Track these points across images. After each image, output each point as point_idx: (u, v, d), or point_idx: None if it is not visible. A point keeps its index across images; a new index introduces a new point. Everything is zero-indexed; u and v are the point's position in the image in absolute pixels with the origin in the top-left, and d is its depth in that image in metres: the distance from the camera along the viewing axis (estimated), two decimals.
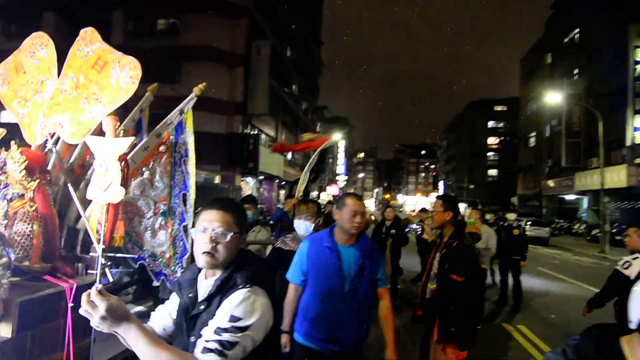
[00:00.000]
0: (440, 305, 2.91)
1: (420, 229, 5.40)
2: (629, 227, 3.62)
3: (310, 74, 37.34)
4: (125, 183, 1.89)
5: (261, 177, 25.39)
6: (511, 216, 7.47)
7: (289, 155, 30.43)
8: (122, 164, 1.83)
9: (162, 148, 2.53)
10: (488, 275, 7.55)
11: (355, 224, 2.37)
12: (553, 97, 22.34)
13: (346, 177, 69.71)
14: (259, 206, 17.00)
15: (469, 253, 3.03)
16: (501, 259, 7.26)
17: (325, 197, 41.69)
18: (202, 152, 21.00)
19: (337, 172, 58.67)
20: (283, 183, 30.20)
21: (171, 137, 2.58)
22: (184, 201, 2.53)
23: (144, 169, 2.50)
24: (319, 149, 5.40)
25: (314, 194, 42.49)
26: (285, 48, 28.14)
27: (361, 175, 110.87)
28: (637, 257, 3.34)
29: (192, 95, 2.58)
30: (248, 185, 25.37)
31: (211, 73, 20.24)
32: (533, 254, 16.86)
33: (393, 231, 6.55)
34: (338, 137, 44.71)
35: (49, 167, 2.26)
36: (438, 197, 3.15)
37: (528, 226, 23.23)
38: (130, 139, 1.94)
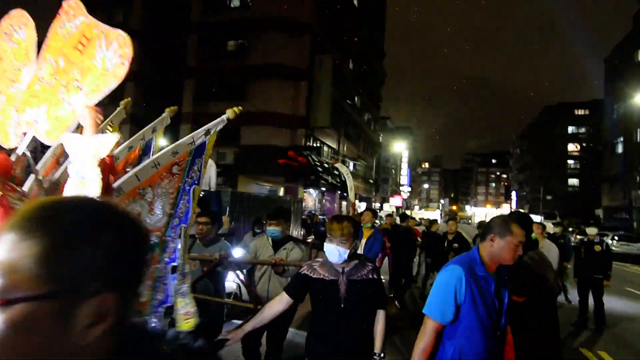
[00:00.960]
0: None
1: None
2: None
3: (372, 85, 37.36)
4: (108, 194, 1.50)
5: (323, 189, 25.77)
6: (592, 231, 6.77)
7: (351, 166, 30.57)
8: (104, 170, 1.45)
9: (175, 169, 2.08)
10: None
11: (517, 256, 2.06)
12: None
13: (410, 188, 68.19)
14: (321, 217, 17.24)
15: (529, 271, 2.76)
16: (580, 277, 6.66)
17: (388, 208, 41.09)
18: (267, 165, 21.72)
19: (401, 182, 57.59)
20: (345, 195, 30.36)
21: (188, 158, 2.14)
22: (180, 235, 2.05)
23: (147, 189, 1.99)
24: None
25: (376, 205, 42.09)
26: (348, 61, 28.50)
27: (426, 186, 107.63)
28: None
29: (223, 117, 2.20)
30: (311, 197, 25.89)
31: (276, 89, 21.13)
32: (620, 272, 15.18)
33: (456, 245, 6.29)
34: (401, 147, 44.04)
35: (18, 175, 1.76)
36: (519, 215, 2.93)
37: (615, 241, 21.02)
38: (115, 138, 1.52)
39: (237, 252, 5.86)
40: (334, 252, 2.33)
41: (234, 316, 5.93)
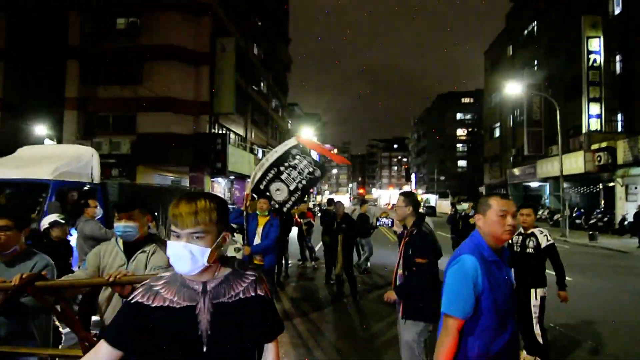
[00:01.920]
0: (406, 286, 3.20)
1: (390, 222, 5.73)
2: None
3: (279, 71, 37.15)
4: None
5: (232, 177, 25.15)
6: (463, 206, 7.75)
7: (260, 154, 30.27)
8: None
9: None
10: None
11: (508, 228, 1.91)
12: (514, 88, 23.10)
13: None
14: (231, 207, 16.85)
15: (429, 237, 3.26)
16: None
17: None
18: (169, 153, 20.43)
19: None
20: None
21: None
22: None
23: None
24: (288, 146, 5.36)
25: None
26: (252, 45, 27.88)
27: (335, 171, 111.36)
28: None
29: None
30: (220, 186, 25.08)
31: (175, 72, 19.85)
32: None
33: (344, 226, 7.12)
34: (310, 134, 44.78)
35: None
36: (400, 194, 3.52)
37: None
38: None
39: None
40: (182, 254, 1.30)
41: None
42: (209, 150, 20.00)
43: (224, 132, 22.03)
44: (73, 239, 5.53)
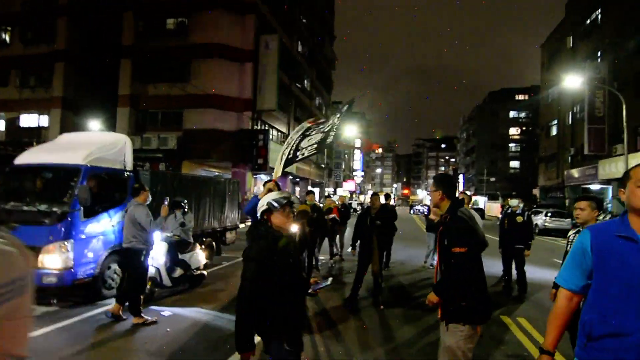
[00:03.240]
0: (445, 282, 2.75)
1: (426, 210, 5.20)
2: None
3: (323, 69, 37.04)
4: None
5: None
6: (513, 202, 6.96)
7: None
8: None
9: None
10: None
11: None
12: (574, 81, 21.36)
13: (363, 173, 69.14)
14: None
15: (467, 223, 2.73)
16: (503, 248, 6.86)
17: (342, 192, 41.36)
18: (213, 149, 20.95)
19: (354, 167, 58.19)
20: (297, 180, 30.08)
21: None
22: None
23: None
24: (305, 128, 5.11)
25: (329, 189, 42.25)
26: (296, 42, 27.93)
27: (379, 170, 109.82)
28: None
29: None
30: (262, 182, 25.38)
31: (220, 70, 20.28)
32: (551, 245, 16.20)
33: (378, 222, 6.11)
34: (354, 133, 44.33)
35: None
36: (433, 177, 3.10)
37: (548, 218, 22.44)
38: None
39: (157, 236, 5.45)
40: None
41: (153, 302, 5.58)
42: (250, 146, 20.23)
43: (265, 128, 22.20)
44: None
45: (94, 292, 5.61)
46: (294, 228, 2.79)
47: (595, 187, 27.78)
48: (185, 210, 6.51)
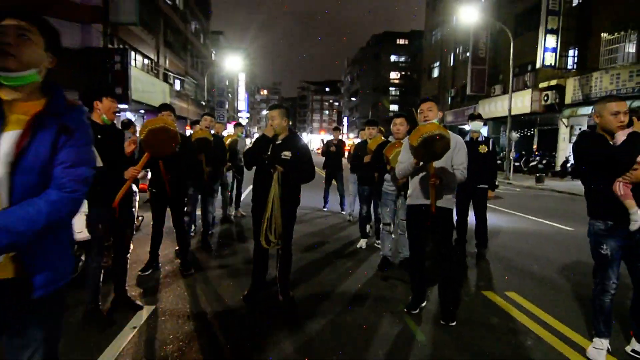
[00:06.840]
0: None
1: None
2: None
3: None
4: None
5: (142, 110, 20.74)
6: (477, 125, 5.07)
7: (177, 86, 25.78)
8: None
9: None
10: None
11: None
12: (461, 19, 21.13)
13: (248, 114, 65.40)
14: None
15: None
16: (459, 187, 5.21)
17: (225, 134, 37.68)
18: (52, 72, 15.38)
19: (239, 108, 54.09)
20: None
21: None
22: None
23: None
24: None
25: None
26: None
27: (265, 112, 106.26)
28: None
29: None
30: (125, 118, 20.64)
31: None
32: None
33: None
34: (238, 68, 40.11)
35: None
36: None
37: None
38: None
39: None
40: None
41: None
42: (104, 70, 15.55)
43: (125, 47, 17.44)
44: None
45: None
46: None
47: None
48: None
